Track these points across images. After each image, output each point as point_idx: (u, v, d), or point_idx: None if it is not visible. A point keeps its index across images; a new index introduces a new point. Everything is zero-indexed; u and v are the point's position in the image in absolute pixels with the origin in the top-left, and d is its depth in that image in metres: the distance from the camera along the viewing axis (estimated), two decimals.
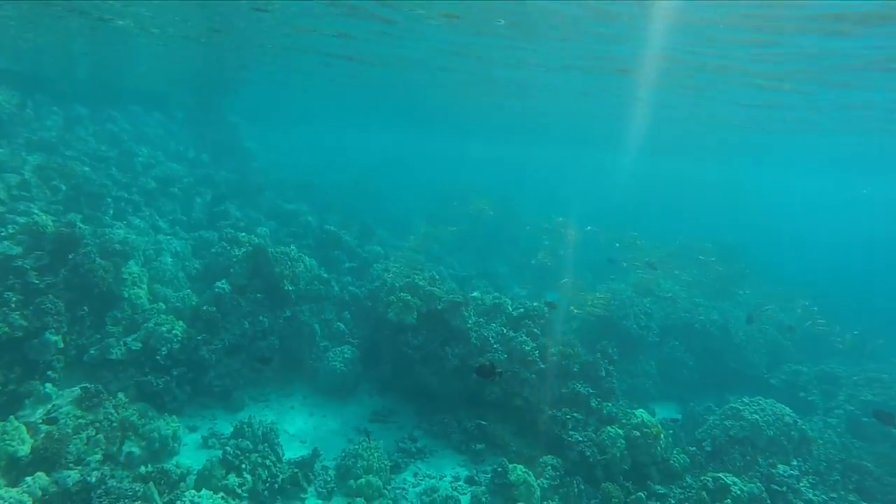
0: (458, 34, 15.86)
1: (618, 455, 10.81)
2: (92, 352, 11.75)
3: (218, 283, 14.04)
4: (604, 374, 13.27)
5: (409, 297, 13.67)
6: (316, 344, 15.37)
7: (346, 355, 14.76)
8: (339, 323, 16.49)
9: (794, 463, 11.14)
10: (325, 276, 17.93)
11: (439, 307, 13.81)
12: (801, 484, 10.74)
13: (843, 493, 11.26)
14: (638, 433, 10.92)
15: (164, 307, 13.49)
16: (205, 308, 13.45)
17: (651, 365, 17.64)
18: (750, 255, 28.53)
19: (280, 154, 53.96)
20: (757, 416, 11.45)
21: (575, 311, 18.90)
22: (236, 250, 15.82)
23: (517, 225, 29.88)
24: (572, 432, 11.59)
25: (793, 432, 11.44)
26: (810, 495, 10.66)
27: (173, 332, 12.38)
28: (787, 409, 11.95)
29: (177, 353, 12.27)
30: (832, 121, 23.66)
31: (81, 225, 13.62)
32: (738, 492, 9.77)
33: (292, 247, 15.79)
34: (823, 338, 21.08)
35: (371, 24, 15.13)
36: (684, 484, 10.59)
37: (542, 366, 12.89)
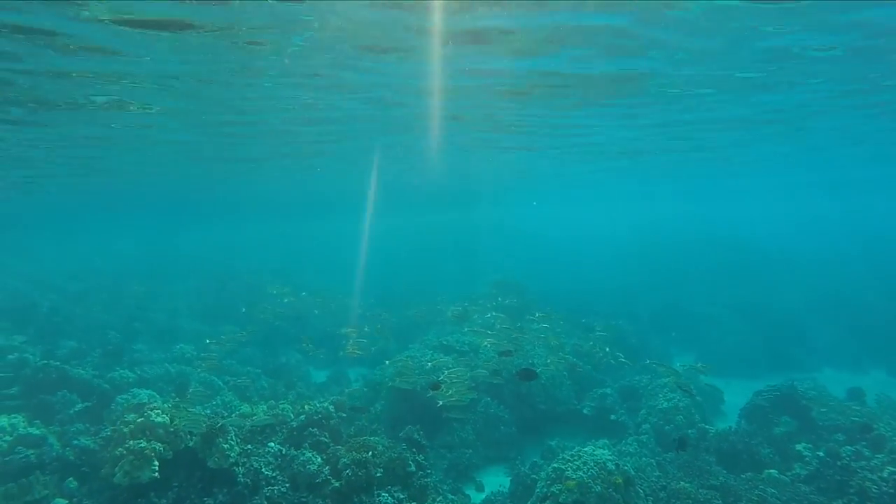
0: None
1: None
2: None
3: None
4: (414, 468, 11.14)
5: (144, 444, 10.07)
6: None
7: None
8: (58, 499, 11.88)
9: None
10: (38, 433, 13.30)
11: (191, 444, 10.45)
12: None
13: None
14: None
15: None
16: None
17: (467, 430, 16.10)
18: (533, 289, 29.69)
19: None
20: (581, 474, 10.32)
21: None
22: None
23: (304, 305, 26.98)
24: None
25: (616, 478, 10.53)
26: None
27: None
28: (606, 453, 11.11)
29: None
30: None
31: None
32: None
33: None
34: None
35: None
36: None
37: (337, 483, 10.30)
